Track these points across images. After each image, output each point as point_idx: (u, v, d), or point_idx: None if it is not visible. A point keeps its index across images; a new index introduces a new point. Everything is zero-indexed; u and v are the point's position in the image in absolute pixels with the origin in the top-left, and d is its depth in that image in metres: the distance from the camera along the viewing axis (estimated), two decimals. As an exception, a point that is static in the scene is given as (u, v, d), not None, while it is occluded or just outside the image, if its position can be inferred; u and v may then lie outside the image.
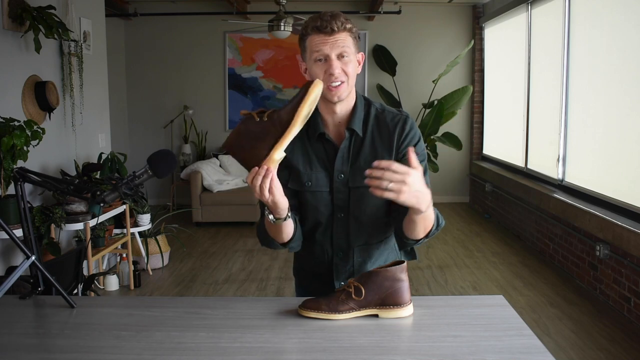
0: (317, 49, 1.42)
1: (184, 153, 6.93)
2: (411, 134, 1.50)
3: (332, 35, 1.40)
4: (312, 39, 1.42)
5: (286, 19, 5.39)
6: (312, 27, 1.42)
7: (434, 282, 4.19)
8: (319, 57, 1.42)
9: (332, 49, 1.40)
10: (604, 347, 3.02)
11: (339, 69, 1.41)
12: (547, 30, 4.88)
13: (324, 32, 1.40)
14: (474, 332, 1.23)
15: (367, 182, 1.19)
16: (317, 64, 1.43)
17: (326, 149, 1.52)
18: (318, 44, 1.41)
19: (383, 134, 1.50)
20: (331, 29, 1.39)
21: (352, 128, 1.49)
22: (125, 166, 4.17)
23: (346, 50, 1.41)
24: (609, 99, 3.83)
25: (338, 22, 1.40)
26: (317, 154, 1.52)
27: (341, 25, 1.40)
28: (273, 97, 7.05)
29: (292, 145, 1.53)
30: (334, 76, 1.41)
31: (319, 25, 1.40)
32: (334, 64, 1.40)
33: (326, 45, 1.41)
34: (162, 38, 7.01)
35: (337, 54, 1.41)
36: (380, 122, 1.51)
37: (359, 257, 1.56)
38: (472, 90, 6.57)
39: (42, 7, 3.29)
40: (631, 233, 3.25)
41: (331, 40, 1.40)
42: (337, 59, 1.41)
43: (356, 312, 1.30)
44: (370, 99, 1.56)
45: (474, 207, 6.89)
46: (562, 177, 4.56)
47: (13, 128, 2.92)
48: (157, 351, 1.14)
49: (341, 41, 1.41)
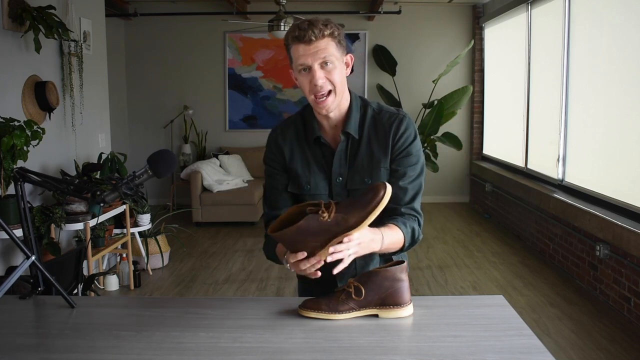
0: (299, 60, 1.39)
1: (184, 153, 6.93)
2: (406, 134, 1.49)
3: (312, 44, 1.37)
4: (294, 49, 1.40)
5: (286, 19, 5.39)
6: (292, 37, 1.39)
7: (434, 282, 4.19)
8: (302, 68, 1.40)
9: (313, 58, 1.37)
10: (604, 347, 3.02)
11: (322, 78, 1.39)
12: (547, 30, 4.88)
13: (304, 42, 1.37)
14: (474, 332, 1.23)
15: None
16: (302, 73, 1.41)
17: (323, 153, 1.52)
18: (300, 55, 1.39)
19: (379, 135, 1.50)
20: (309, 38, 1.36)
21: (347, 131, 1.48)
22: (125, 166, 4.17)
23: (328, 57, 1.38)
24: (609, 99, 3.83)
25: (316, 30, 1.36)
26: (315, 158, 1.52)
27: (319, 33, 1.36)
28: (273, 97, 7.05)
29: (291, 149, 1.53)
30: (318, 86, 1.39)
31: (297, 35, 1.37)
32: (317, 74, 1.38)
33: (307, 55, 1.38)
34: (162, 38, 7.01)
35: (319, 63, 1.38)
36: (377, 122, 1.51)
37: (362, 260, 1.54)
38: (472, 90, 6.57)
39: (42, 7, 3.29)
40: (631, 233, 3.25)
41: (312, 50, 1.37)
42: (320, 68, 1.38)
43: (356, 312, 1.30)
44: (367, 100, 1.55)
45: (474, 207, 6.89)
46: (562, 177, 4.56)
47: (13, 128, 2.92)
48: (157, 351, 1.14)
49: (322, 50, 1.37)
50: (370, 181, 1.48)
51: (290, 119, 1.59)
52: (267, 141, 1.59)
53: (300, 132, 1.54)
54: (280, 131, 1.56)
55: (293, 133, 1.55)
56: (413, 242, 1.48)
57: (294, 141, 1.54)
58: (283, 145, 1.54)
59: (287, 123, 1.58)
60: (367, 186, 1.44)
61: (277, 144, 1.55)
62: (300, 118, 1.56)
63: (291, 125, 1.56)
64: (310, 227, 1.23)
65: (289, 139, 1.54)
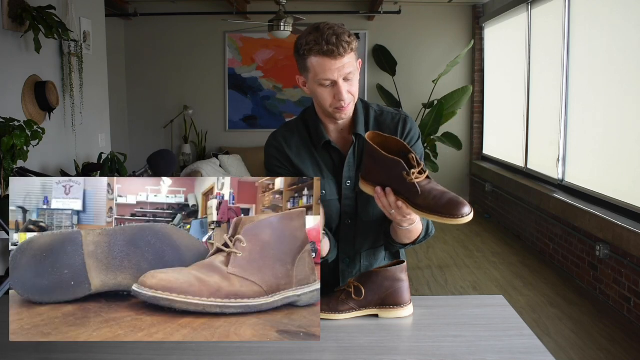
0: (323, 75, 1.34)
1: (184, 153, 6.93)
2: (412, 133, 1.50)
3: (340, 59, 1.33)
4: (317, 61, 1.34)
5: (286, 19, 5.39)
6: (317, 51, 1.33)
7: (434, 282, 4.19)
8: (326, 83, 1.36)
9: (339, 74, 1.34)
10: (604, 347, 3.02)
11: (347, 93, 1.37)
12: (547, 30, 4.88)
13: (331, 57, 1.32)
14: (474, 332, 1.23)
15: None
16: (324, 86, 1.37)
17: (332, 157, 1.49)
18: (324, 69, 1.34)
19: None
20: (339, 54, 1.32)
21: (358, 133, 1.47)
22: (125, 166, 4.17)
23: (352, 72, 1.36)
24: (609, 99, 3.83)
25: (345, 44, 1.32)
26: (325, 163, 1.49)
27: (348, 47, 1.33)
28: (273, 97, 7.05)
29: (299, 155, 1.49)
30: (344, 101, 1.37)
31: (325, 50, 1.31)
32: (343, 90, 1.35)
33: (333, 70, 1.33)
34: (162, 38, 7.01)
35: (343, 78, 1.35)
36: (381, 123, 1.50)
37: (366, 262, 1.55)
38: (472, 90, 6.57)
39: (42, 7, 3.29)
40: (631, 233, 3.25)
41: (338, 65, 1.33)
42: (344, 82, 1.36)
43: (356, 312, 1.30)
44: (367, 102, 1.54)
45: (474, 207, 6.83)
46: (562, 177, 4.56)
47: (13, 128, 2.92)
48: (157, 351, 1.14)
49: (347, 64, 1.34)
50: None
51: (290, 125, 1.54)
52: (267, 150, 1.53)
53: (306, 138, 1.50)
54: (283, 138, 1.51)
55: (298, 139, 1.50)
56: (427, 235, 1.46)
57: (300, 147, 1.50)
58: (289, 153, 1.49)
59: (289, 129, 1.53)
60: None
61: (282, 152, 1.50)
62: (303, 123, 1.52)
63: (294, 131, 1.52)
64: (392, 170, 1.23)
65: (295, 145, 1.50)
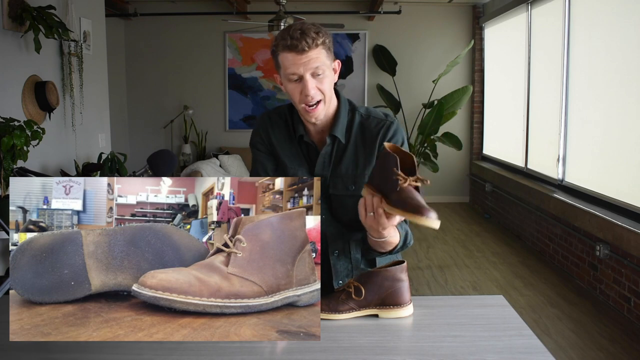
0: (290, 69, 1.36)
1: (184, 153, 6.93)
2: (394, 139, 1.48)
3: (304, 54, 1.34)
4: (284, 56, 1.37)
5: (286, 19, 5.39)
6: (283, 46, 1.35)
7: (434, 282, 4.19)
8: (293, 78, 1.37)
9: (305, 68, 1.35)
10: (604, 347, 3.02)
11: (314, 88, 1.37)
12: (547, 31, 4.88)
13: (295, 51, 1.34)
14: (474, 332, 1.23)
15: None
16: (292, 82, 1.38)
17: (309, 152, 1.51)
18: (290, 64, 1.36)
19: (367, 141, 1.48)
20: (302, 48, 1.33)
21: (334, 134, 1.47)
22: (125, 166, 4.17)
23: (320, 67, 1.36)
24: (609, 99, 3.83)
25: (309, 40, 1.33)
26: (301, 154, 1.52)
27: (312, 43, 1.34)
28: (273, 97, 7.05)
29: (278, 139, 1.52)
30: (309, 96, 1.37)
31: (289, 44, 1.34)
32: (309, 85, 1.36)
33: (299, 65, 1.35)
34: (162, 38, 7.01)
35: (310, 73, 1.36)
36: (365, 128, 1.49)
37: (357, 253, 1.53)
38: (472, 90, 6.57)
39: (42, 7, 3.29)
40: (631, 233, 3.25)
41: (304, 60, 1.34)
42: (312, 77, 1.37)
43: (356, 312, 1.30)
44: (355, 104, 1.53)
45: (474, 207, 6.89)
46: (562, 177, 4.56)
47: (13, 128, 2.92)
48: (157, 351, 1.14)
49: (314, 59, 1.35)
50: (354, 188, 1.46)
51: (281, 110, 1.57)
52: (256, 123, 1.57)
53: (290, 126, 1.53)
54: (269, 119, 1.55)
55: (283, 124, 1.54)
56: (404, 246, 1.46)
57: (283, 131, 1.53)
58: (271, 134, 1.53)
59: (279, 112, 1.56)
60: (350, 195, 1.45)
61: (266, 131, 1.54)
62: (289, 113, 1.55)
63: (282, 115, 1.55)
64: (386, 163, 1.23)
65: (278, 129, 1.54)
